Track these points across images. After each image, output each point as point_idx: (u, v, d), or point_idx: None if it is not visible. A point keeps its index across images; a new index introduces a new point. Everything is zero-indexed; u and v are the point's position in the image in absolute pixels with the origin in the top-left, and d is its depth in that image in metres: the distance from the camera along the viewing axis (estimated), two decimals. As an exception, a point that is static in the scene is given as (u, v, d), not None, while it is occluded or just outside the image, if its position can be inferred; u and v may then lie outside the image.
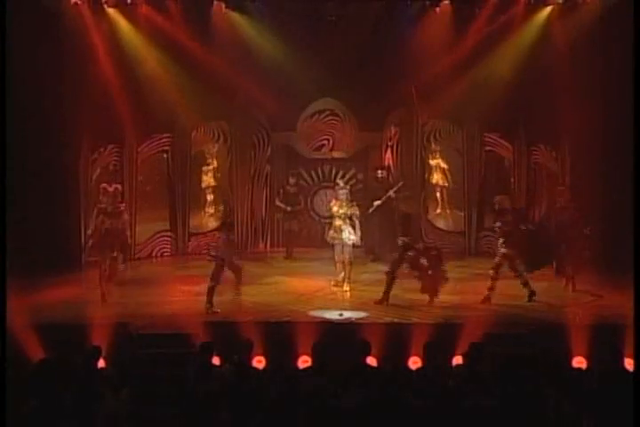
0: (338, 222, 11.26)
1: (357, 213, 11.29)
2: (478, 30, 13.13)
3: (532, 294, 10.30)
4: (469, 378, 6.46)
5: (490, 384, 6.23)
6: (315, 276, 12.50)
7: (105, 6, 12.82)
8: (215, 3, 13.37)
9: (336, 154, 15.12)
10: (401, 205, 12.94)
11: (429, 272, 10.22)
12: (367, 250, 13.28)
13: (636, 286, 7.97)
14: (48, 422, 5.62)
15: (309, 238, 14.54)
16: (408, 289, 11.28)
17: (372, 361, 7.37)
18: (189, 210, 14.48)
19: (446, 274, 10.32)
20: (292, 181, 14.03)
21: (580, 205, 10.99)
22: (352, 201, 11.46)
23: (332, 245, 11.50)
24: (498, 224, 10.56)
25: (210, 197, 14.51)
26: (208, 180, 14.52)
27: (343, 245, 11.26)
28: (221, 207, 13.28)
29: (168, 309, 10.01)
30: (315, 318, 9.61)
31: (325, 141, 15.12)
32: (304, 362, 7.62)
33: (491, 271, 10.46)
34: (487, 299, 10.33)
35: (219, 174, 14.58)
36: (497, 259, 10.43)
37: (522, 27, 13.12)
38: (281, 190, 14.03)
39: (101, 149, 13.44)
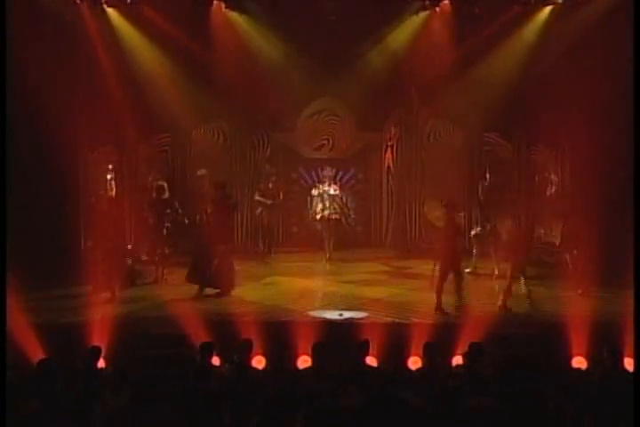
0: (325, 200, 13.40)
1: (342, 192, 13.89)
2: (478, 30, 13.12)
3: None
4: (469, 378, 6.46)
5: (490, 384, 6.23)
6: (314, 276, 12.51)
7: (104, 6, 12.81)
8: (215, 2, 13.35)
9: (336, 154, 15.12)
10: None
11: None
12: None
13: (636, 286, 7.97)
14: (48, 422, 5.63)
15: (309, 239, 14.53)
16: (409, 289, 11.35)
17: (371, 361, 7.37)
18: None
19: None
20: (272, 178, 14.01)
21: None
22: (336, 182, 13.82)
23: (320, 221, 13.63)
24: None
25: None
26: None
27: (329, 219, 13.41)
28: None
29: (168, 308, 10.00)
30: (315, 318, 9.60)
31: (325, 141, 15.12)
32: (304, 362, 7.62)
33: None
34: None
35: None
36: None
37: (522, 26, 13.12)
38: (262, 186, 14.02)
39: (101, 149, 13.44)
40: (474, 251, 12.33)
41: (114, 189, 13.88)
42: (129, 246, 13.13)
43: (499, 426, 5.62)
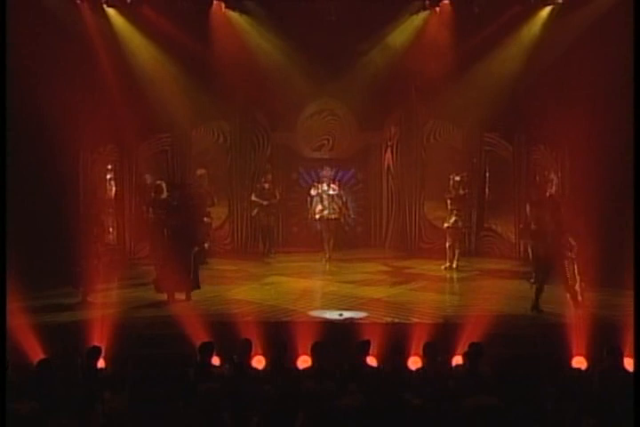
0: (324, 200, 13.54)
1: (341, 192, 13.92)
2: (478, 30, 13.11)
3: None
4: (469, 378, 6.46)
5: (490, 384, 6.23)
6: (314, 276, 12.52)
7: (104, 6, 12.82)
8: (215, 2, 13.36)
9: (336, 154, 15.12)
10: None
11: None
12: None
13: (636, 286, 7.96)
14: (48, 423, 5.62)
15: (309, 239, 14.53)
16: (409, 289, 11.35)
17: (371, 361, 7.37)
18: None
19: None
20: (268, 177, 14.01)
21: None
22: (335, 182, 13.89)
23: (319, 221, 13.67)
24: None
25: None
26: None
27: (328, 219, 13.53)
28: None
29: (168, 308, 10.01)
30: (315, 318, 9.60)
31: (325, 141, 15.13)
32: (304, 362, 7.62)
33: None
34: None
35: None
36: None
37: (522, 27, 13.13)
38: (258, 186, 14.03)
39: (101, 149, 13.45)
40: (447, 244, 12.79)
41: (113, 189, 13.89)
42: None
43: (499, 426, 5.61)
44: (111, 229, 13.60)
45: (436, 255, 13.35)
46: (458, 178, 12.76)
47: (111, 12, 12.93)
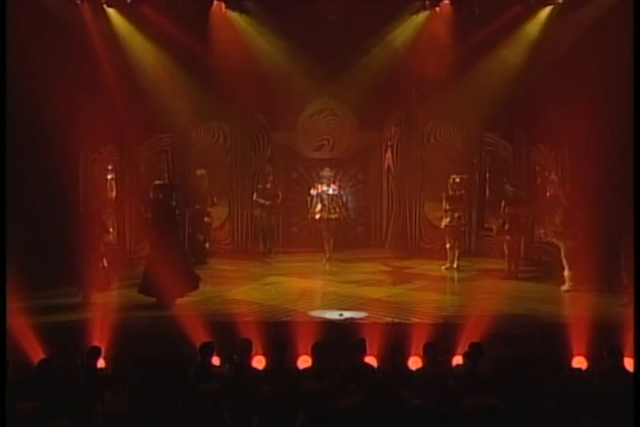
0: (324, 200, 13.53)
1: (341, 192, 13.88)
2: (478, 30, 13.10)
3: None
4: (469, 378, 6.46)
5: (490, 384, 6.23)
6: (314, 276, 12.52)
7: (105, 6, 12.81)
8: (215, 2, 13.35)
9: (336, 154, 15.11)
10: None
11: None
12: None
13: (636, 286, 7.97)
14: (48, 423, 5.63)
15: (309, 239, 14.53)
16: (409, 289, 11.36)
17: (371, 361, 7.38)
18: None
19: None
20: (269, 177, 14.03)
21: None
22: (335, 182, 13.84)
23: (319, 221, 13.63)
24: None
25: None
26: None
27: (328, 219, 13.50)
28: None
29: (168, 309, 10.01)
30: (315, 318, 9.61)
31: (325, 141, 15.12)
32: (304, 362, 7.62)
33: None
34: None
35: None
36: None
37: (522, 27, 13.12)
38: (260, 186, 14.04)
39: (101, 149, 13.44)
40: (447, 245, 12.81)
41: (114, 190, 13.89)
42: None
43: (499, 426, 5.62)
44: (111, 229, 13.60)
45: (436, 255, 13.36)
46: (458, 180, 12.81)
47: (111, 11, 12.91)
